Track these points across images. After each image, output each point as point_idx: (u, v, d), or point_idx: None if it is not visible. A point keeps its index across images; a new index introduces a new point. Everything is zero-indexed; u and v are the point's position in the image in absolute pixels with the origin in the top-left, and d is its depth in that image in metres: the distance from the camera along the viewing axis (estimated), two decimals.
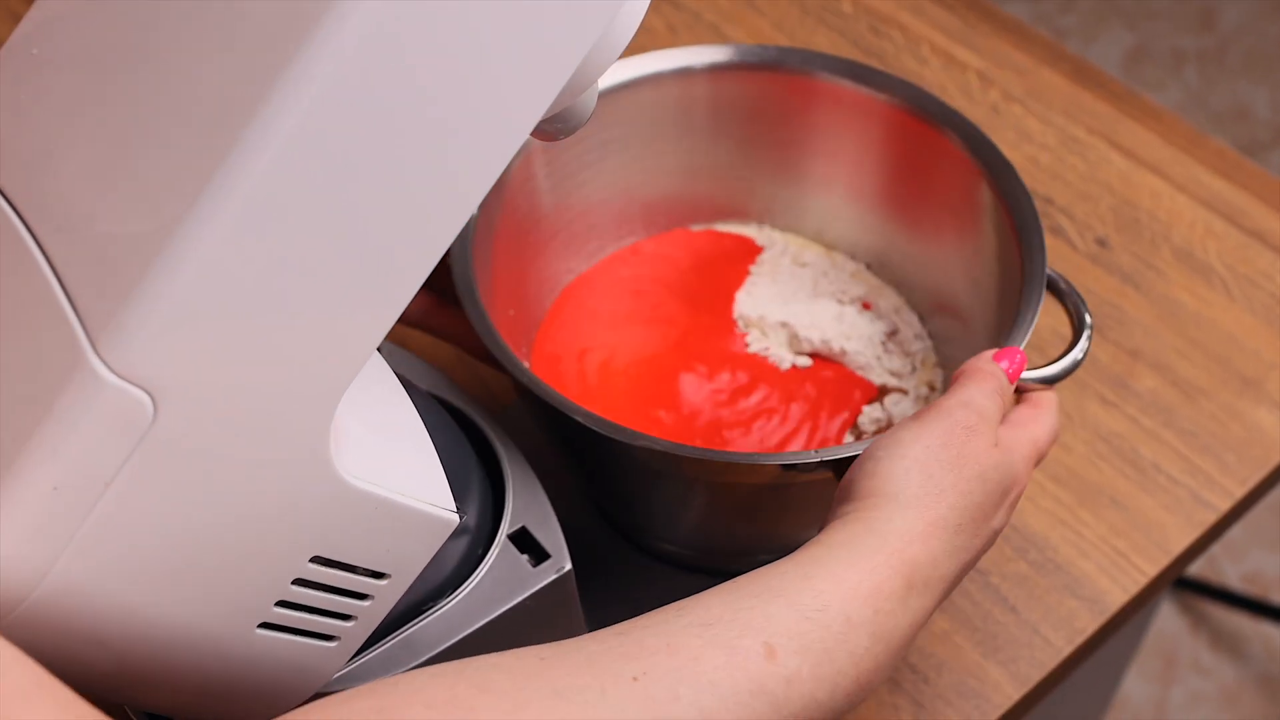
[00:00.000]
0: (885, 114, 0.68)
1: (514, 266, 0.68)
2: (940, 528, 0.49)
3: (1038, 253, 0.62)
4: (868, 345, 0.69)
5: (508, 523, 0.56)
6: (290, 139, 0.38)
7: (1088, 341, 0.59)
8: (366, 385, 0.48)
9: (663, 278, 0.73)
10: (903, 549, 0.48)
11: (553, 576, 0.55)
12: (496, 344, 0.59)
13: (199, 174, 0.38)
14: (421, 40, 0.39)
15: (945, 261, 0.70)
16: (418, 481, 0.48)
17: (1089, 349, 0.59)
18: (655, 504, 0.63)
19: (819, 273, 0.73)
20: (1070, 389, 0.79)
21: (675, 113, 0.70)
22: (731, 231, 0.75)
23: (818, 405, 0.67)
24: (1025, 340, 0.59)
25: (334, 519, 0.45)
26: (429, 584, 0.54)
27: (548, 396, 0.57)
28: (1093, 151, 0.90)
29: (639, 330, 0.71)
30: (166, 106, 0.40)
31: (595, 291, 0.73)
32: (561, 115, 0.47)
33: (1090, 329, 0.60)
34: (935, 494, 0.49)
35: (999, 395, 0.54)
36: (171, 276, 0.38)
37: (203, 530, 0.42)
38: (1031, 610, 0.71)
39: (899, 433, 0.51)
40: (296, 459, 0.43)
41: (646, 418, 0.67)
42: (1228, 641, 1.57)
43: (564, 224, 0.71)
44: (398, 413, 0.50)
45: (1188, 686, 1.54)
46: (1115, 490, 0.75)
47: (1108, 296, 0.83)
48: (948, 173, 0.67)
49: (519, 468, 0.58)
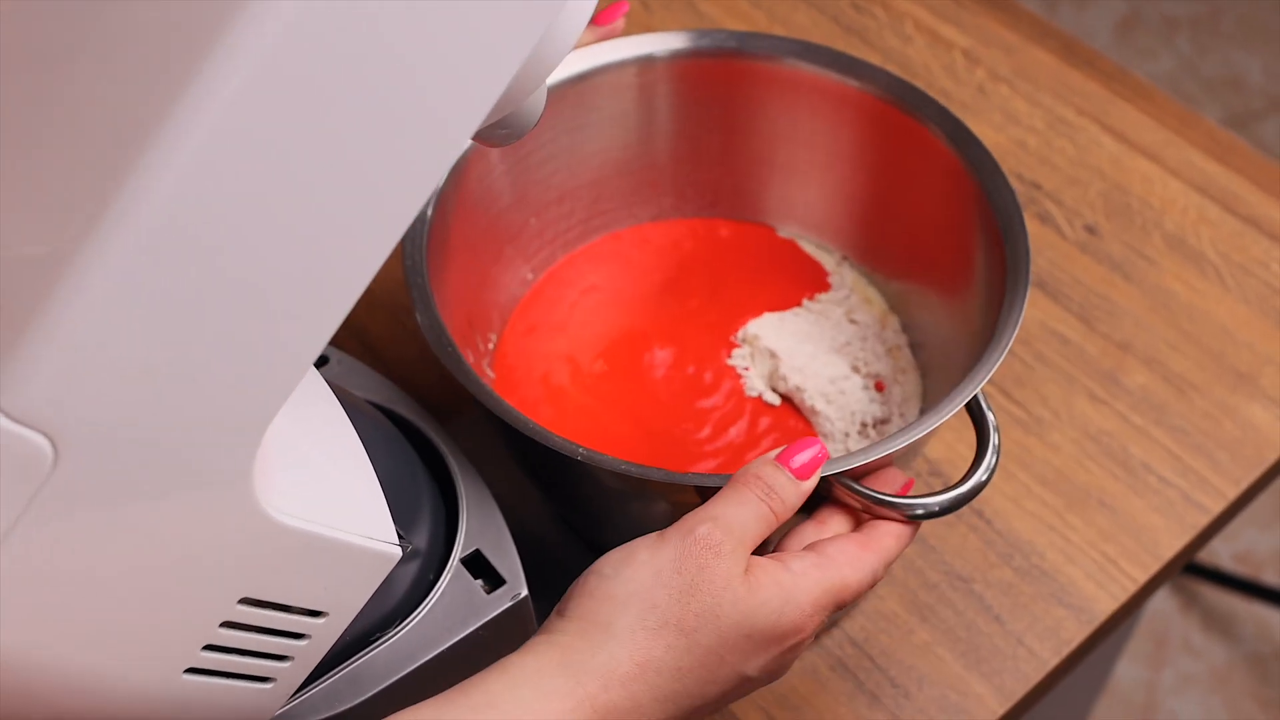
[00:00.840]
0: (857, 102, 0.65)
1: (473, 266, 0.65)
2: (651, 670, 0.42)
3: (1022, 254, 0.58)
4: (844, 419, 0.64)
5: (461, 545, 0.53)
6: (201, 151, 0.34)
7: (987, 473, 0.53)
8: (297, 410, 0.44)
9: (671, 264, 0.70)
10: (597, 693, 0.42)
11: (508, 604, 0.52)
12: (447, 351, 0.55)
13: (101, 190, 0.35)
14: (343, 47, 0.35)
15: (923, 254, 0.67)
16: (356, 513, 0.45)
17: (988, 479, 0.53)
18: (617, 518, 0.60)
19: (858, 335, 0.68)
20: (1059, 384, 0.76)
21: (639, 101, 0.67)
22: (812, 253, 0.71)
23: (755, 443, 0.64)
24: (1006, 346, 0.56)
25: (262, 559, 0.42)
26: (376, 613, 0.51)
27: (503, 413, 0.53)
28: (1082, 134, 0.87)
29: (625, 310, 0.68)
30: (68, 114, 0.37)
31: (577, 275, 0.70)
32: (506, 121, 0.43)
33: (997, 453, 0.54)
34: (654, 629, 0.42)
35: (764, 504, 0.46)
36: (70, 307, 0.34)
37: (116, 578, 0.39)
38: (1017, 619, 0.68)
39: (635, 548, 0.45)
40: (217, 499, 0.40)
41: (613, 403, 0.64)
42: (1219, 622, 1.55)
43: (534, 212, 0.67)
44: (333, 437, 0.47)
45: (1178, 668, 1.52)
46: (1104, 492, 0.72)
47: (1097, 286, 0.80)
48: (926, 164, 0.64)
49: (473, 486, 0.55)
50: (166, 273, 0.35)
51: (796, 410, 0.65)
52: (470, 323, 0.65)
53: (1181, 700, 1.50)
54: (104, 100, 0.36)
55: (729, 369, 0.66)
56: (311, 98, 0.35)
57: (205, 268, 0.36)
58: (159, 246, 0.35)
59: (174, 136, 0.34)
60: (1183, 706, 1.49)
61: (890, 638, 0.68)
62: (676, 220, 0.72)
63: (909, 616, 0.68)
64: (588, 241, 0.71)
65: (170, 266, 0.35)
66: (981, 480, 0.54)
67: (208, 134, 0.34)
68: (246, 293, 0.37)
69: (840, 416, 0.64)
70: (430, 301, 0.57)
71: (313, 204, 0.37)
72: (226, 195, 0.35)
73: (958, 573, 0.69)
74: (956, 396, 0.54)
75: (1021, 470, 0.73)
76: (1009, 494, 0.72)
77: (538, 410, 0.64)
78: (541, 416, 0.64)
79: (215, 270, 0.36)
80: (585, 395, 0.65)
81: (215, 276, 0.36)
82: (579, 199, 0.70)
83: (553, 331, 0.68)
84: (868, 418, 0.64)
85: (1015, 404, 0.75)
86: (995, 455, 0.55)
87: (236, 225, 0.36)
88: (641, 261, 0.71)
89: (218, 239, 0.36)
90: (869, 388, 0.66)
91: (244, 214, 0.36)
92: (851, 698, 0.66)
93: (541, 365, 0.66)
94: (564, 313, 0.68)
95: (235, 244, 0.36)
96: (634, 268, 0.70)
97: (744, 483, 0.46)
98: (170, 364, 0.36)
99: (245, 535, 0.41)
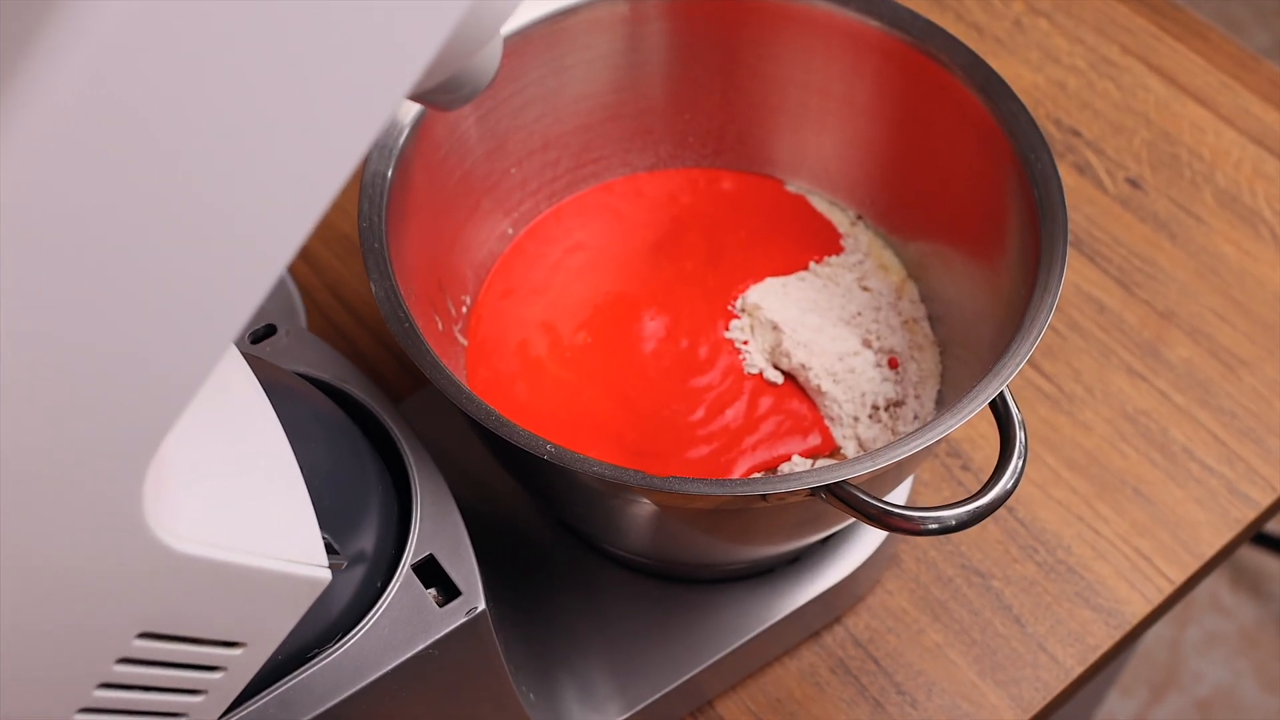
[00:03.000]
0: (878, 44, 0.57)
1: (445, 220, 0.58)
2: None
3: (1060, 228, 0.51)
4: (853, 401, 0.58)
5: (412, 549, 0.47)
6: (56, 124, 0.28)
7: (1014, 478, 0.47)
8: (206, 412, 0.38)
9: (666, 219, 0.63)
10: None
11: (462, 619, 0.46)
12: (403, 328, 0.49)
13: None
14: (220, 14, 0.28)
15: (948, 213, 0.60)
16: (275, 533, 0.39)
17: (1015, 485, 0.47)
18: (600, 516, 0.54)
19: (871, 305, 0.60)
20: (1093, 356, 0.69)
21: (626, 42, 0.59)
22: (824, 211, 0.64)
23: (753, 426, 0.57)
24: (1040, 333, 0.49)
25: (160, 590, 0.36)
26: (313, 627, 0.45)
27: (461, 402, 0.47)
28: (1128, 75, 0.79)
29: (613, 273, 0.61)
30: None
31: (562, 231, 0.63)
32: (452, 82, 0.37)
33: (1025, 455, 0.48)
34: None
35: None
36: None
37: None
38: (1038, 621, 0.62)
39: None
40: (100, 527, 0.34)
41: (595, 380, 0.58)
42: (1249, 580, 1.48)
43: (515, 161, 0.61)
44: (252, 440, 0.40)
45: (1204, 627, 1.46)
46: (1140, 480, 0.65)
47: (1139, 247, 0.73)
48: (953, 115, 0.57)
49: (430, 480, 0.49)
50: (25, 270, 0.29)
51: (801, 390, 0.58)
52: (441, 285, 0.58)
53: (1206, 660, 1.44)
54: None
55: (726, 342, 0.59)
56: (190, 66, 0.28)
57: (75, 262, 0.29)
58: (18, 238, 0.28)
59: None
60: (1208, 667, 1.44)
61: (898, 638, 0.62)
62: (675, 170, 0.65)
63: (919, 614, 0.62)
64: (576, 192, 0.64)
65: (33, 262, 0.29)
66: (1007, 488, 0.47)
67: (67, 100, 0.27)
68: (126, 294, 0.30)
69: (849, 398, 0.57)
70: (387, 269, 0.51)
71: (200, 192, 0.30)
72: (96, 179, 0.29)
73: (975, 567, 0.63)
74: (981, 392, 0.47)
75: (1049, 453, 0.66)
76: (1034, 479, 0.66)
77: (512, 386, 0.58)
78: (515, 394, 0.58)
79: (90, 263, 0.29)
80: (565, 369, 0.59)
81: (90, 272, 0.30)
82: (565, 146, 0.63)
83: (531, 295, 0.61)
84: (879, 400, 0.58)
85: (1044, 377, 0.69)
86: (1022, 458, 0.48)
87: (114, 215, 0.29)
88: (634, 216, 0.64)
89: (91, 226, 0.29)
90: (882, 365, 0.59)
91: (119, 204, 0.29)
92: (852, 705, 0.60)
93: (518, 333, 0.60)
94: (545, 274, 0.62)
95: (114, 233, 0.29)
96: (625, 223, 0.64)
97: None
98: (36, 378, 0.30)
99: (136, 566, 0.35)
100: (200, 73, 0.28)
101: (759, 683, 0.61)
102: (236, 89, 0.29)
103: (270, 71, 0.29)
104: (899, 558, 0.63)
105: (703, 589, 0.60)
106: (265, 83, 0.29)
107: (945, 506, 0.46)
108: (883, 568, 0.63)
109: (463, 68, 0.36)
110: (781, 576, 0.60)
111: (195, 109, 0.29)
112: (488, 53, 0.36)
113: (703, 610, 0.60)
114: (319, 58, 0.29)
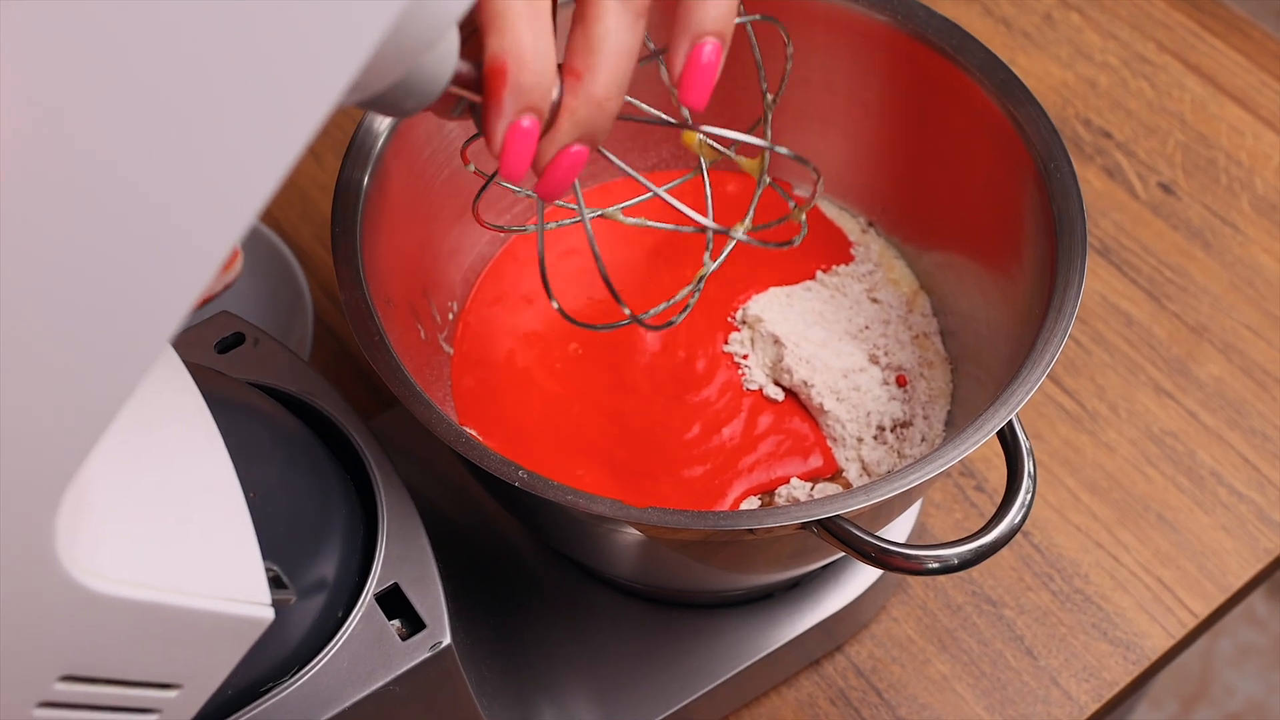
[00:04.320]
0: (889, 41, 0.54)
1: (430, 223, 0.55)
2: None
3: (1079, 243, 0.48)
4: (857, 421, 0.54)
5: (376, 577, 0.45)
6: None
7: (1022, 512, 0.44)
8: (138, 436, 0.36)
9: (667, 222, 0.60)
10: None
11: (426, 654, 0.43)
12: (372, 341, 0.46)
13: None
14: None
15: (964, 223, 0.56)
16: (212, 569, 0.36)
17: (1023, 519, 0.45)
18: (583, 543, 0.51)
19: (880, 318, 0.57)
20: (1119, 373, 0.65)
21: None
22: (833, 218, 0.61)
23: (751, 446, 0.54)
24: (1055, 356, 0.46)
25: (82, 632, 0.34)
26: (267, 659, 0.43)
27: (430, 423, 0.44)
28: (1163, 74, 0.75)
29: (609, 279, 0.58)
30: None
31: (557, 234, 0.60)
32: (404, 86, 0.34)
33: (1033, 487, 0.45)
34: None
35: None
36: None
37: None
38: (1052, 654, 0.58)
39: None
40: (9, 566, 0.31)
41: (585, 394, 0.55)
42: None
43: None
44: (191, 469, 0.38)
45: (1238, 639, 1.42)
46: (1164, 505, 0.62)
47: (1170, 257, 0.69)
48: (969, 118, 0.53)
49: (398, 504, 0.46)
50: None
51: (803, 408, 0.55)
52: (426, 291, 0.55)
53: (1239, 673, 1.40)
54: None
55: (725, 356, 0.56)
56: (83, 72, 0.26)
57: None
58: None
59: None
60: (1240, 680, 1.40)
61: (902, 668, 0.59)
62: (677, 172, 0.62)
63: (925, 644, 0.59)
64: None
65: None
66: (1014, 523, 0.44)
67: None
68: (27, 312, 0.28)
69: (853, 418, 0.54)
70: (359, 276, 0.48)
71: (103, 212, 0.27)
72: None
73: (986, 594, 0.60)
74: (988, 420, 0.44)
75: (1068, 474, 0.63)
76: (1052, 502, 0.62)
77: (497, 398, 0.55)
78: (501, 406, 0.55)
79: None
80: (554, 381, 0.56)
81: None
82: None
83: (522, 302, 0.58)
84: (885, 420, 0.55)
85: (1066, 394, 0.65)
86: (1030, 492, 0.45)
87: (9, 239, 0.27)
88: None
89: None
90: (889, 383, 0.56)
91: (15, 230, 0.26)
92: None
93: (506, 343, 0.57)
94: (536, 280, 0.59)
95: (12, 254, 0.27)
96: (622, 226, 0.60)
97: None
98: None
99: (54, 607, 0.32)
100: (125, 54, 0.26)
101: (753, 713, 0.58)
102: (170, 71, 0.26)
103: (204, 58, 0.26)
104: (906, 583, 0.60)
105: (696, 614, 0.57)
106: (196, 71, 0.26)
107: (947, 545, 0.43)
108: (888, 594, 0.59)
109: (412, 70, 0.33)
110: (780, 602, 0.57)
111: (116, 81, 0.26)
112: (440, 55, 0.33)
113: (695, 636, 0.57)
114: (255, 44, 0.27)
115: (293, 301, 0.66)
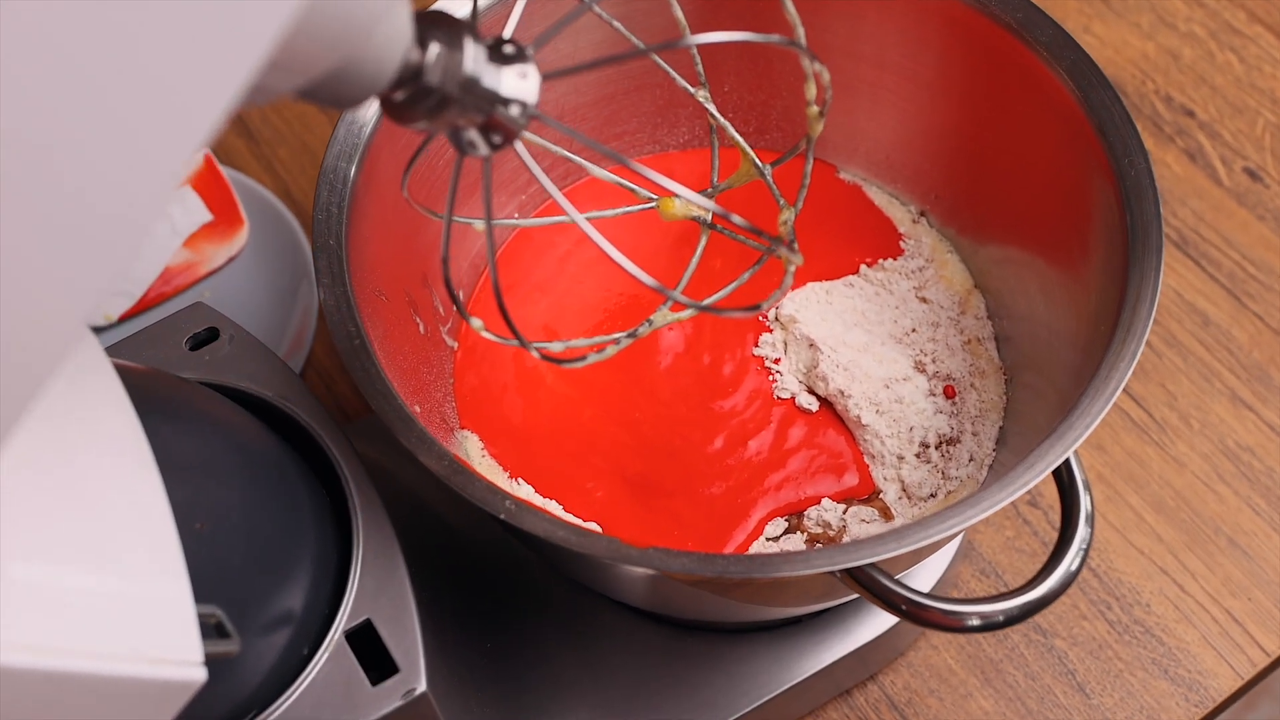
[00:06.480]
0: (948, 13, 0.48)
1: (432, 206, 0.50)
2: None
3: (1154, 225, 0.42)
4: (898, 437, 0.49)
5: (347, 612, 0.40)
6: None
7: (1079, 558, 0.40)
8: (50, 461, 0.31)
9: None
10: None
11: (398, 702, 0.39)
12: (352, 345, 0.41)
13: None
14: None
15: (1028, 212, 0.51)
16: (133, 627, 0.32)
17: (1079, 567, 0.40)
18: (587, 569, 0.46)
19: (928, 320, 0.52)
20: (1192, 379, 0.59)
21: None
22: (882, 205, 0.55)
23: (780, 461, 0.49)
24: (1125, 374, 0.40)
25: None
26: (223, 702, 0.38)
27: (412, 443, 0.39)
28: (1253, 47, 0.68)
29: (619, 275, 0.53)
30: None
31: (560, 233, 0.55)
32: (345, 74, 0.28)
33: (1090, 528, 0.40)
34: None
35: None
36: None
37: None
38: (1106, 692, 0.53)
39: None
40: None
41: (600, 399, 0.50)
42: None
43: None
44: (112, 507, 0.33)
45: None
46: (1237, 528, 0.56)
47: (1254, 251, 0.63)
48: (1035, 99, 0.48)
49: (375, 528, 0.41)
50: None
51: (839, 419, 0.50)
52: (426, 280, 0.50)
53: None
54: None
55: (755, 360, 0.51)
56: None
57: None
58: None
59: None
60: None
61: (941, 701, 0.53)
62: (709, 150, 0.57)
63: (968, 675, 0.54)
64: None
65: None
66: (1070, 571, 0.39)
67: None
68: None
69: (893, 433, 0.49)
70: (342, 271, 0.43)
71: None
72: None
73: (1035, 622, 0.55)
74: (1042, 457, 0.39)
75: (1132, 490, 0.57)
76: (1113, 521, 0.57)
77: (502, 399, 0.50)
78: (506, 407, 0.50)
79: None
80: (565, 382, 0.51)
81: None
82: (585, 119, 0.55)
83: (534, 291, 0.53)
84: (930, 436, 0.49)
85: (1133, 400, 0.59)
86: (1087, 541, 0.40)
87: None
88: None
89: None
90: (936, 394, 0.50)
91: None
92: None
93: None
94: (551, 268, 0.54)
95: None
96: (648, 210, 0.55)
97: None
98: None
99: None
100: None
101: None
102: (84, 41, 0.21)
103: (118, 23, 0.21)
104: None
105: (714, 638, 0.52)
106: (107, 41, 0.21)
107: (991, 599, 0.38)
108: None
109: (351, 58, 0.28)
110: (808, 628, 0.52)
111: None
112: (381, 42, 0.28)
113: (714, 664, 0.52)
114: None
115: (297, 275, 0.62)
